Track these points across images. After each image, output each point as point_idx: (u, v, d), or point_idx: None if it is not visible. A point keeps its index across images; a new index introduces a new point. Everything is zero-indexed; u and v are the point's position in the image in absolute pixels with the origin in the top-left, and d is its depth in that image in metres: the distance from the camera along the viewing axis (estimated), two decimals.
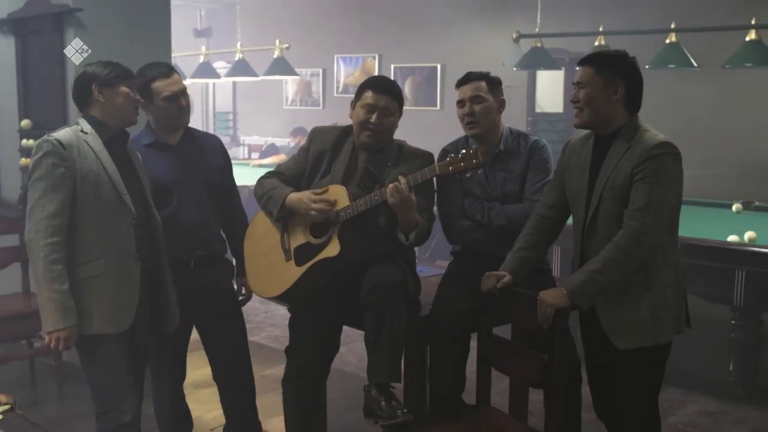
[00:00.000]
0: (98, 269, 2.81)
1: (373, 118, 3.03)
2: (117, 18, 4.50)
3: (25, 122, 4.62)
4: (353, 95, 3.17)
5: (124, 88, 2.89)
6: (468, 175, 3.14)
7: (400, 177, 2.88)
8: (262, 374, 3.52)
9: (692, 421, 4.18)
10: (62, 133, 2.82)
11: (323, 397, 3.24)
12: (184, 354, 3.38)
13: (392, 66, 9.61)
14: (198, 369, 3.61)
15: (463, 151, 2.88)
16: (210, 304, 3.30)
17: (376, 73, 9.71)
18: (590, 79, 2.72)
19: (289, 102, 10.83)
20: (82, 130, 2.85)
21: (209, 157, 3.31)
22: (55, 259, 2.71)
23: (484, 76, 3.22)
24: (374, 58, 9.83)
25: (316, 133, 3.25)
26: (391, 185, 2.86)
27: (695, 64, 5.69)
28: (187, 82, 9.04)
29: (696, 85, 6.91)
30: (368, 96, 3.06)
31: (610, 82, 2.71)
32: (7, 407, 1.84)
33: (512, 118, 7.98)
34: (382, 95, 3.05)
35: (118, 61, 2.96)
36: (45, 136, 2.82)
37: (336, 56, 10.20)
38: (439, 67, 9.13)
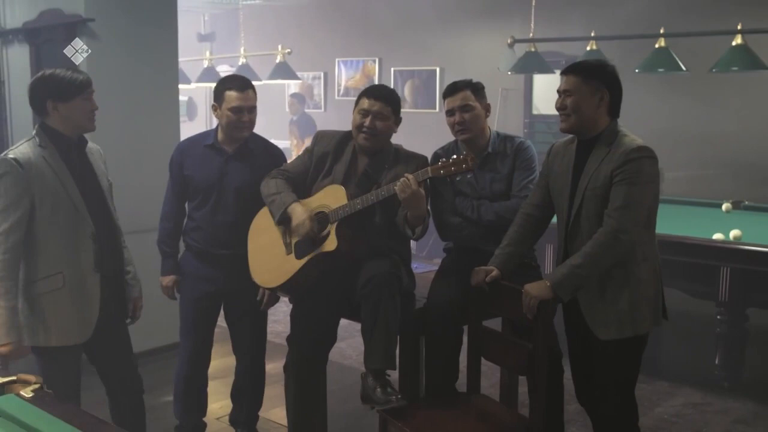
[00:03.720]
0: (57, 284, 2.90)
1: (367, 121, 3.24)
2: (127, 28, 4.71)
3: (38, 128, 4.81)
4: (354, 98, 3.38)
5: (79, 101, 2.90)
6: (458, 178, 3.33)
7: (406, 174, 3.05)
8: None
9: (678, 412, 4.36)
10: (21, 151, 2.85)
11: (323, 385, 3.45)
12: (210, 342, 3.69)
13: (392, 69, 9.77)
14: None
15: (454, 156, 3.07)
16: (234, 301, 3.59)
17: (376, 76, 9.91)
18: (577, 87, 2.91)
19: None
20: (39, 144, 2.88)
21: (260, 168, 3.47)
22: (4, 276, 2.77)
23: (468, 85, 3.40)
24: (374, 61, 9.99)
25: (320, 137, 3.46)
26: (400, 182, 3.02)
27: (684, 68, 5.84)
28: (191, 86, 9.33)
29: (686, 88, 7.08)
30: (363, 102, 3.28)
31: (596, 90, 2.90)
32: (37, 386, 2.03)
33: (510, 121, 8.24)
34: (376, 100, 3.25)
35: (76, 68, 3.09)
36: (3, 156, 2.86)
37: (337, 60, 10.37)
38: (438, 70, 9.30)
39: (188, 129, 3.82)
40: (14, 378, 2.08)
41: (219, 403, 4.15)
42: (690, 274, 4.61)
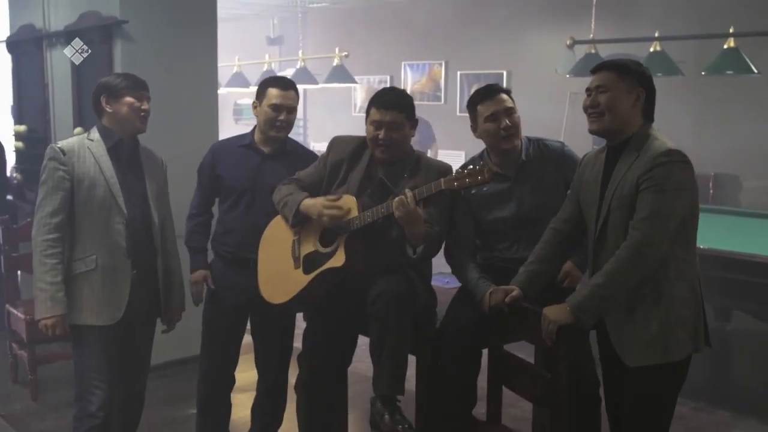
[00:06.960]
0: (91, 265, 3.05)
1: (381, 134, 3.03)
2: (163, 30, 4.64)
3: (78, 130, 4.78)
4: (420, 102, 3.16)
5: (128, 99, 3.09)
6: (473, 191, 3.08)
7: (406, 190, 2.85)
8: None
9: None
10: (67, 141, 3.12)
11: (340, 404, 3.28)
12: (236, 359, 3.58)
13: (458, 73, 9.58)
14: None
15: (470, 167, 2.84)
16: (262, 312, 3.40)
17: (443, 80, 9.71)
18: (613, 83, 2.64)
19: (357, 109, 10.90)
20: (88, 138, 3.12)
21: (297, 169, 3.35)
22: (50, 254, 2.99)
23: (503, 89, 3.19)
24: (441, 65, 9.81)
25: (335, 143, 3.26)
26: (396, 198, 2.83)
27: (755, 70, 5.42)
28: (250, 89, 9.31)
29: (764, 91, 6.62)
30: (373, 112, 3.06)
31: (632, 87, 2.64)
32: None
33: (578, 125, 7.81)
34: (387, 110, 3.02)
35: (133, 73, 3.15)
36: (51, 144, 3.13)
37: (403, 63, 10.23)
38: (504, 73, 9.04)
39: None
40: None
41: (239, 418, 4.01)
42: (754, 294, 4.25)
